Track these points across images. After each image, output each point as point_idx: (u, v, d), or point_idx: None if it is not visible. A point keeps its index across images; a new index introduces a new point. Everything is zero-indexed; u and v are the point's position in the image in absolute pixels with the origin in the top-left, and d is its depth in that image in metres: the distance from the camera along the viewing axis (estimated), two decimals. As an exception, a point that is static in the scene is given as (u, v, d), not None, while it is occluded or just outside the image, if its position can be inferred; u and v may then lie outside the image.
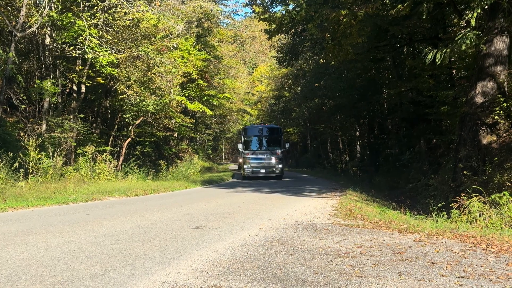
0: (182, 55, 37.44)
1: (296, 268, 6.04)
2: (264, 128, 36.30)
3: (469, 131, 15.30)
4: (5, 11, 24.51)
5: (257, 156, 34.89)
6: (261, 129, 36.16)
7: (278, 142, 35.80)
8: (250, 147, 35.54)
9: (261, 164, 34.76)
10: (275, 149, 35.22)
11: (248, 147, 35.55)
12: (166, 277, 5.64)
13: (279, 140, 35.88)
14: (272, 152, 34.96)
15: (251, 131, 36.66)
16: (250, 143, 35.79)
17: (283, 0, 22.40)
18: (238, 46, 69.27)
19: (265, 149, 35.28)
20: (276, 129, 36.96)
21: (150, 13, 26.46)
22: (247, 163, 35.00)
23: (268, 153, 35.01)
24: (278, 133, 36.30)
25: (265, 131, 36.00)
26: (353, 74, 36.22)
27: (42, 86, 24.81)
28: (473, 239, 8.00)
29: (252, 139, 36.05)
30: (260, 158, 34.86)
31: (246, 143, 35.82)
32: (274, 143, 35.76)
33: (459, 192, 12.87)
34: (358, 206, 14.06)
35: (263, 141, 35.73)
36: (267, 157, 34.84)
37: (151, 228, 9.55)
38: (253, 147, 35.53)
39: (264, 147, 35.42)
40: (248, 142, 35.84)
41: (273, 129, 36.73)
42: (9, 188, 17.85)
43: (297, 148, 78.98)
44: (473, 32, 13.14)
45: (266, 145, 35.69)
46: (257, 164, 34.73)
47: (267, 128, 36.67)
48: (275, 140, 35.91)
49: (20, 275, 5.72)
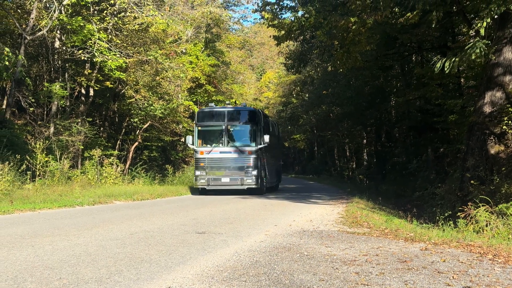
0: (190, 60, 37.50)
1: (302, 275, 6.02)
2: (229, 112, 25.28)
3: (477, 140, 15.24)
4: (16, 14, 24.66)
5: (217, 156, 24.14)
6: (224, 113, 24.96)
7: (253, 133, 24.73)
8: (207, 141, 24.85)
9: (223, 169, 24.08)
10: (246, 145, 24.39)
11: (203, 141, 24.87)
12: (171, 282, 5.63)
13: (254, 130, 24.71)
14: (241, 150, 24.13)
15: (209, 116, 25.21)
16: (206, 135, 24.98)
17: (292, 7, 22.36)
18: (247, 52, 69.29)
19: (230, 146, 24.40)
20: (251, 113, 25.38)
21: (160, 18, 26.53)
22: (201, 167, 24.10)
23: (235, 152, 24.21)
24: (253, 120, 24.89)
25: (232, 116, 25.09)
26: (361, 82, 36.16)
27: (51, 89, 24.92)
28: (480, 249, 7.96)
29: (209, 129, 25.10)
30: (221, 159, 24.08)
31: (200, 136, 24.90)
32: (246, 136, 24.93)
33: (466, 201, 12.80)
34: (365, 214, 14.02)
35: (228, 132, 24.61)
36: (234, 159, 24.16)
37: (157, 233, 9.55)
38: (211, 142, 24.78)
39: (230, 142, 24.52)
40: (203, 134, 24.95)
41: (246, 113, 25.48)
42: (16, 190, 17.91)
43: (304, 155, 78.95)
44: (482, 41, 13.11)
45: (233, 139, 24.80)
46: (217, 170, 24.03)
47: (235, 111, 25.92)
48: (248, 131, 24.94)
49: (26, 277, 5.73)
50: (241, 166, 24.05)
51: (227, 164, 24.08)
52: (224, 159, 24.09)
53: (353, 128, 48.07)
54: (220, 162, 24.05)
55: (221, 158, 24.07)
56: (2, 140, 19.88)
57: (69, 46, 25.58)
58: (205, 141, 24.84)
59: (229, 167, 24.06)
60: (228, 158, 24.10)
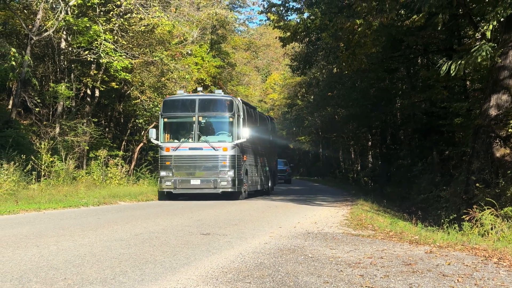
0: (196, 61, 37.51)
1: (306, 277, 6.02)
2: (201, 100, 21.12)
3: (482, 143, 15.21)
4: (22, 15, 24.75)
5: (186, 153, 20.51)
6: (195, 102, 20.88)
7: (230, 126, 20.88)
8: (175, 136, 21.41)
9: (192, 169, 20.49)
10: (221, 140, 20.74)
11: (170, 136, 21.37)
12: (176, 283, 5.63)
13: (232, 122, 20.82)
14: (215, 146, 20.36)
15: (177, 105, 21.50)
16: (173, 128, 21.61)
17: (298, 9, 22.39)
18: (252, 54, 69.21)
19: (202, 140, 20.56)
20: (228, 101, 21.19)
21: (165, 19, 26.57)
22: (167, 167, 20.52)
23: (207, 148, 20.39)
24: (230, 110, 20.83)
25: (204, 105, 21.01)
26: (367, 84, 36.11)
27: (57, 90, 24.99)
28: (485, 252, 7.94)
29: (177, 120, 21.63)
30: (191, 157, 20.49)
31: (166, 129, 21.30)
32: (222, 129, 21.35)
33: (471, 204, 12.79)
34: (369, 216, 14.00)
35: (199, 124, 20.73)
36: (206, 157, 20.40)
37: (162, 234, 9.55)
38: (179, 137, 21.31)
39: (201, 137, 20.67)
40: (169, 127, 21.46)
41: (221, 101, 21.34)
42: (21, 190, 17.97)
43: (308, 157, 78.91)
44: (488, 44, 13.09)
45: (205, 133, 21.03)
46: (185, 170, 20.45)
47: (209, 99, 21.79)
48: (224, 123, 21.28)
49: (31, 278, 5.74)
50: (215, 165, 20.34)
51: (198, 163, 20.47)
52: (194, 156, 20.44)
53: (358, 130, 48.03)
54: (189, 160, 20.49)
55: (191, 156, 20.47)
56: (8, 140, 19.95)
57: (75, 47, 25.63)
58: (173, 135, 21.33)
59: (200, 166, 20.43)
60: (199, 156, 20.41)
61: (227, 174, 20.21)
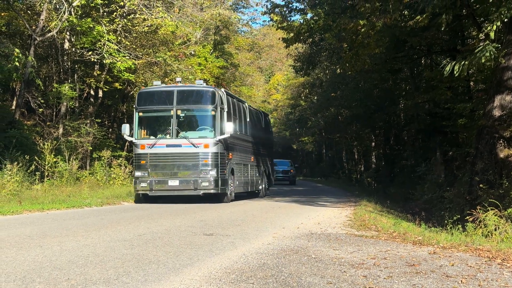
0: (199, 62, 37.53)
1: (310, 278, 6.01)
2: (180, 92, 19.17)
3: (486, 144, 15.18)
4: (25, 15, 24.79)
5: (163, 151, 18.66)
6: (173, 94, 18.98)
7: (213, 120, 18.90)
8: (151, 131, 19.45)
9: (170, 168, 18.61)
10: (202, 136, 18.88)
11: (146, 132, 19.45)
12: (179, 284, 5.63)
13: (214, 116, 18.86)
14: (195, 143, 18.50)
15: (153, 97, 19.63)
16: (149, 123, 19.71)
17: (301, 9, 22.39)
18: (255, 54, 69.31)
19: (181, 137, 18.75)
20: (210, 93, 19.26)
21: (169, 20, 26.59)
22: (142, 166, 18.71)
23: (187, 145, 18.57)
24: (212, 102, 18.91)
25: (183, 98, 19.14)
26: (370, 85, 36.07)
27: (60, 90, 25.05)
28: (489, 253, 7.92)
29: (153, 114, 19.72)
30: (168, 156, 18.61)
31: (141, 124, 19.40)
32: (203, 123, 19.52)
33: (474, 205, 12.76)
34: (373, 217, 13.98)
35: (178, 119, 18.89)
36: (185, 155, 18.55)
37: (165, 234, 9.56)
38: (156, 132, 19.36)
39: (180, 132, 18.80)
40: (145, 122, 19.58)
41: (202, 93, 19.50)
42: (24, 190, 18.01)
43: (312, 158, 78.88)
44: (492, 45, 13.06)
45: (185, 128, 19.19)
46: (162, 170, 18.59)
47: (188, 90, 19.76)
48: (206, 117, 19.42)
49: (34, 278, 5.75)
50: (195, 164, 18.46)
51: (176, 161, 18.57)
52: (172, 154, 18.57)
53: (362, 131, 47.99)
54: (167, 159, 18.59)
55: (168, 154, 18.59)
56: (11, 141, 19.98)
57: (78, 47, 25.69)
58: (149, 131, 19.41)
59: (178, 165, 18.57)
60: (178, 154, 18.55)
61: (209, 173, 18.37)
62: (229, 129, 18.77)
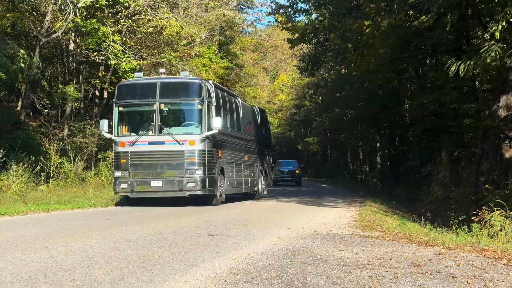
0: (204, 62, 37.57)
1: (315, 279, 6.00)
2: (163, 84, 17.54)
3: (491, 144, 15.16)
4: (31, 16, 24.87)
5: (145, 149, 17.11)
6: (155, 86, 17.36)
7: (199, 115, 17.33)
8: (131, 128, 18.03)
9: (153, 168, 17.07)
10: (188, 133, 17.32)
11: (127, 128, 17.99)
12: (184, 284, 5.63)
13: (200, 110, 17.26)
14: (180, 140, 16.91)
15: (134, 90, 18.12)
16: (130, 118, 18.26)
17: (306, 10, 22.41)
18: (260, 55, 69.21)
19: (165, 133, 17.17)
20: (194, 86, 17.59)
21: (174, 20, 26.62)
22: (122, 166, 17.17)
23: (171, 142, 17.01)
24: (199, 95, 17.28)
25: (167, 91, 17.49)
26: (375, 85, 36.04)
27: (65, 91, 25.10)
28: (495, 253, 7.90)
29: (134, 109, 18.19)
30: (151, 154, 17.09)
31: (121, 120, 17.86)
32: (189, 118, 18.05)
33: (480, 205, 12.72)
34: (378, 217, 13.96)
35: (161, 113, 17.32)
36: (169, 153, 17.06)
37: (170, 235, 9.56)
38: (137, 129, 17.93)
39: (163, 128, 17.22)
40: (126, 117, 18.09)
41: (188, 85, 17.80)
42: (30, 191, 18.06)
43: (317, 158, 78.82)
44: (497, 45, 13.04)
45: (169, 124, 17.72)
46: (144, 170, 17.09)
47: (172, 83, 18.12)
48: (191, 112, 17.97)
49: (40, 279, 5.75)
50: (180, 163, 16.92)
51: (160, 160, 17.03)
52: (155, 153, 17.05)
53: (367, 131, 47.99)
54: (149, 157, 17.07)
55: (151, 152, 17.04)
56: (17, 142, 20.03)
57: (83, 48, 25.75)
58: (129, 128, 17.96)
59: (162, 164, 17.05)
60: (161, 152, 17.04)
61: (195, 173, 16.77)
62: (217, 125, 17.11)
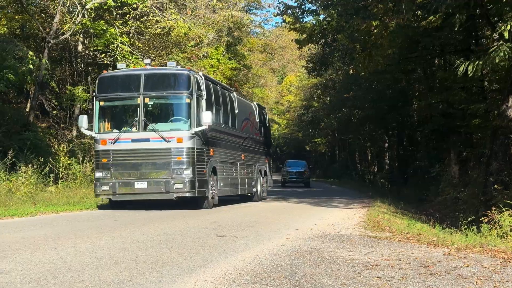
0: (212, 63, 37.59)
1: (323, 279, 5.99)
2: (148, 76, 16.01)
3: (500, 144, 15.10)
4: (39, 18, 24.97)
5: (128, 147, 15.66)
6: (140, 78, 15.84)
7: (188, 109, 15.81)
8: (114, 124, 16.58)
9: (137, 168, 15.58)
10: (175, 129, 15.89)
11: (109, 124, 16.59)
12: (193, 285, 5.63)
13: (189, 104, 15.76)
14: (166, 137, 15.46)
15: (117, 83, 16.56)
16: (112, 114, 16.82)
17: (314, 10, 22.38)
18: (268, 56, 69.19)
19: (150, 129, 15.70)
20: (182, 77, 16.02)
21: (181, 21, 26.66)
22: (103, 165, 15.75)
23: (157, 139, 15.52)
24: (186, 88, 15.78)
25: (152, 83, 16.00)
26: (383, 85, 35.94)
27: (74, 93, 25.18)
28: (504, 254, 7.87)
29: (116, 103, 16.69)
30: (134, 152, 15.65)
31: (102, 115, 16.46)
32: (176, 113, 16.63)
33: (489, 206, 12.68)
34: (386, 218, 13.93)
35: (145, 108, 15.92)
36: (155, 151, 15.60)
37: (179, 236, 9.57)
38: (120, 125, 16.42)
39: (148, 124, 15.74)
40: (108, 113, 16.70)
41: (175, 77, 16.32)
42: (39, 192, 18.10)
43: (325, 159, 78.72)
44: (506, 44, 12.99)
45: (154, 119, 16.21)
46: (127, 170, 15.62)
47: (158, 74, 16.65)
48: (179, 106, 16.49)
49: (49, 279, 5.77)
50: (167, 162, 15.47)
51: (144, 159, 15.55)
52: (139, 151, 15.59)
53: (375, 131, 47.89)
54: (133, 156, 15.60)
55: (134, 150, 15.60)
56: (26, 143, 20.09)
57: (92, 49, 25.83)
58: (112, 124, 16.53)
59: (146, 164, 15.53)
60: (146, 150, 15.55)
61: (183, 173, 15.35)
62: (207, 120, 15.65)
